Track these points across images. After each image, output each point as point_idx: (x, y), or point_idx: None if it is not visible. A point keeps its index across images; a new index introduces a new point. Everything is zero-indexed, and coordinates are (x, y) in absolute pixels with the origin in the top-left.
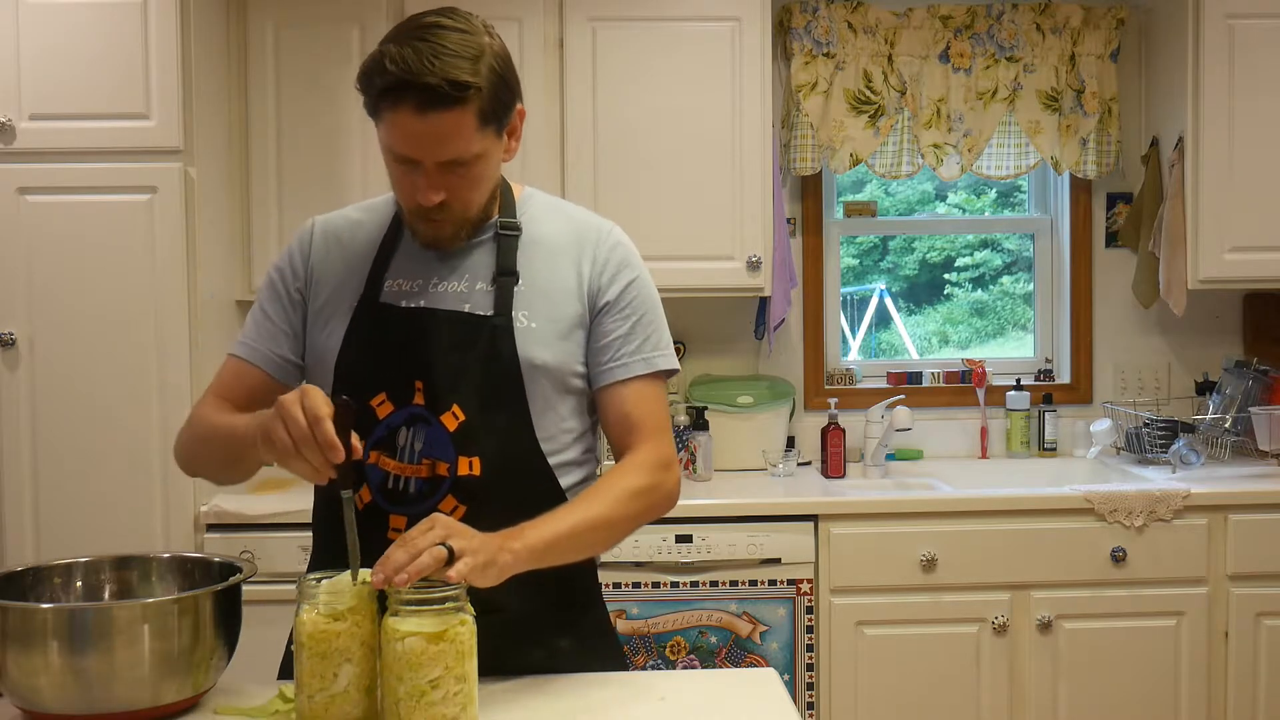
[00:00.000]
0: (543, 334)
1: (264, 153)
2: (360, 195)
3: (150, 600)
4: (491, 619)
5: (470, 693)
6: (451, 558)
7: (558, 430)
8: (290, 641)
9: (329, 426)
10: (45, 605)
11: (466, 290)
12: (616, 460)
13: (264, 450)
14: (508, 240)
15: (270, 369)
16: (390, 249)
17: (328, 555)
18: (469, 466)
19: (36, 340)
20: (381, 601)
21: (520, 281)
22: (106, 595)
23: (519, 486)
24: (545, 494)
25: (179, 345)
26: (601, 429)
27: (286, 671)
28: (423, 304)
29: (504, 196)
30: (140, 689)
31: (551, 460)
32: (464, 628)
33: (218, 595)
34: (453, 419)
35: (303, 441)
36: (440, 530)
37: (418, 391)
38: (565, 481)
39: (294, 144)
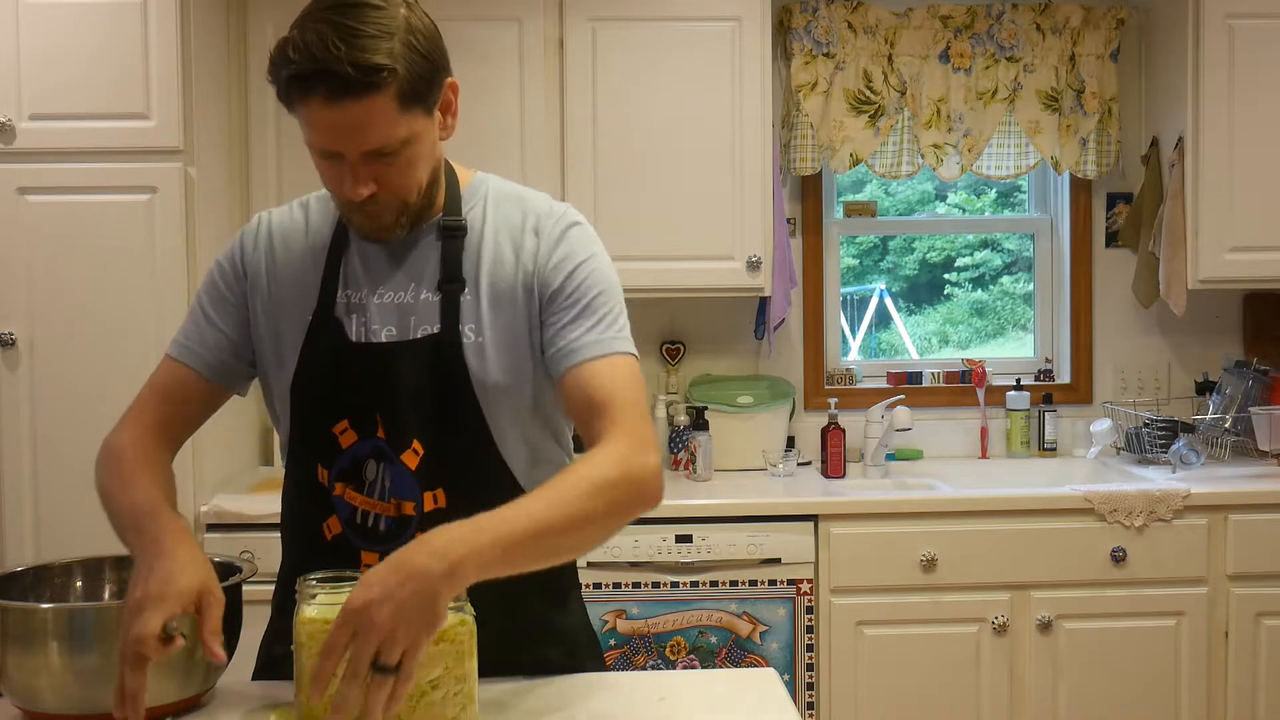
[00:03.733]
0: (494, 348)
1: (264, 153)
2: None
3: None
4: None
5: (470, 692)
6: (398, 666)
7: (524, 442)
8: (264, 642)
9: (136, 679)
10: (45, 605)
11: (412, 300)
12: (586, 449)
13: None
14: (451, 242)
15: (208, 373)
16: (340, 251)
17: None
18: (434, 500)
19: (36, 340)
20: None
21: (466, 288)
22: (106, 595)
23: (488, 509)
24: None
25: None
26: (574, 425)
27: (261, 673)
28: (367, 321)
29: (449, 188)
30: None
31: (521, 478)
32: (464, 628)
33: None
34: (413, 456)
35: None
36: (364, 643)
37: (379, 425)
38: None
39: (294, 144)
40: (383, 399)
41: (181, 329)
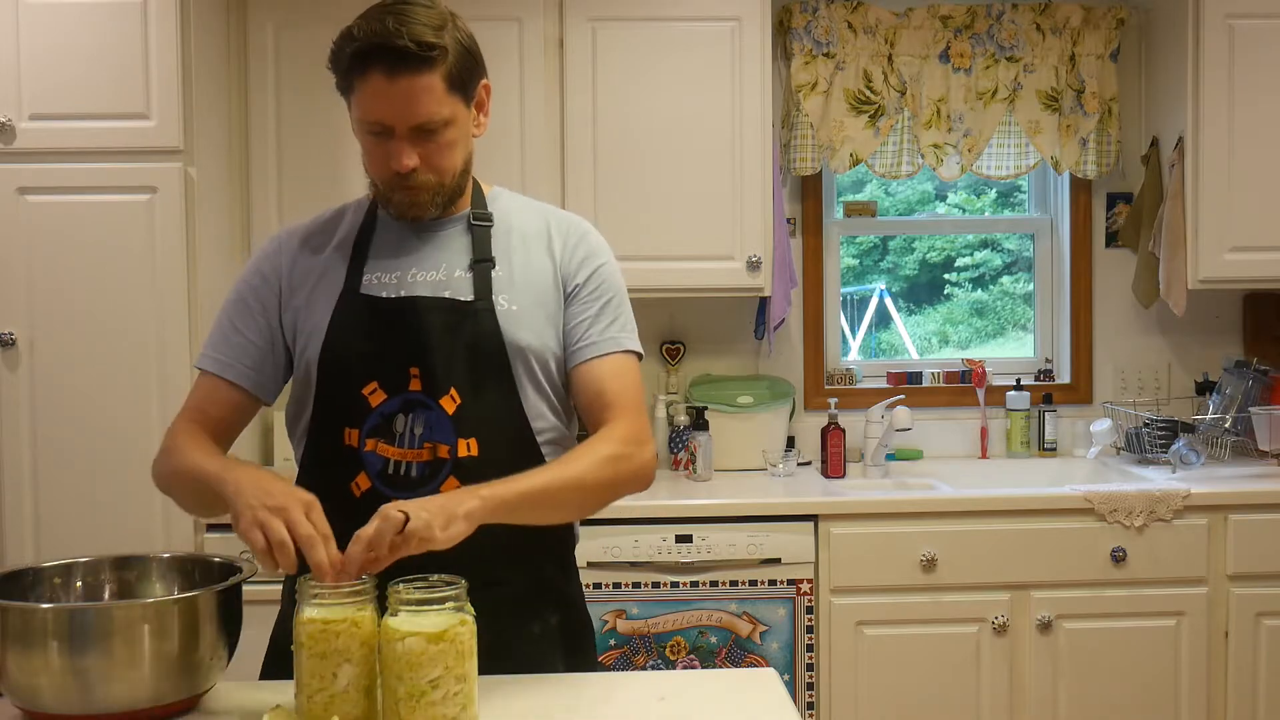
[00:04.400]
0: (524, 316)
1: (264, 153)
2: (360, 194)
3: (150, 600)
4: (493, 592)
5: (470, 692)
6: (407, 519)
7: (543, 410)
8: (272, 641)
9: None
10: (45, 605)
11: (445, 278)
12: (590, 434)
13: (237, 529)
14: (481, 229)
15: (246, 384)
16: (365, 242)
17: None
18: (467, 448)
19: (36, 340)
20: (382, 602)
21: (497, 266)
22: (106, 595)
23: (513, 466)
24: None
25: (179, 345)
26: (577, 410)
27: (268, 672)
28: (403, 294)
29: (475, 192)
30: (140, 689)
31: (539, 439)
32: (464, 628)
33: (218, 595)
34: (451, 402)
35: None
36: (388, 509)
37: (414, 378)
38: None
39: (294, 144)
40: (419, 350)
41: (209, 345)
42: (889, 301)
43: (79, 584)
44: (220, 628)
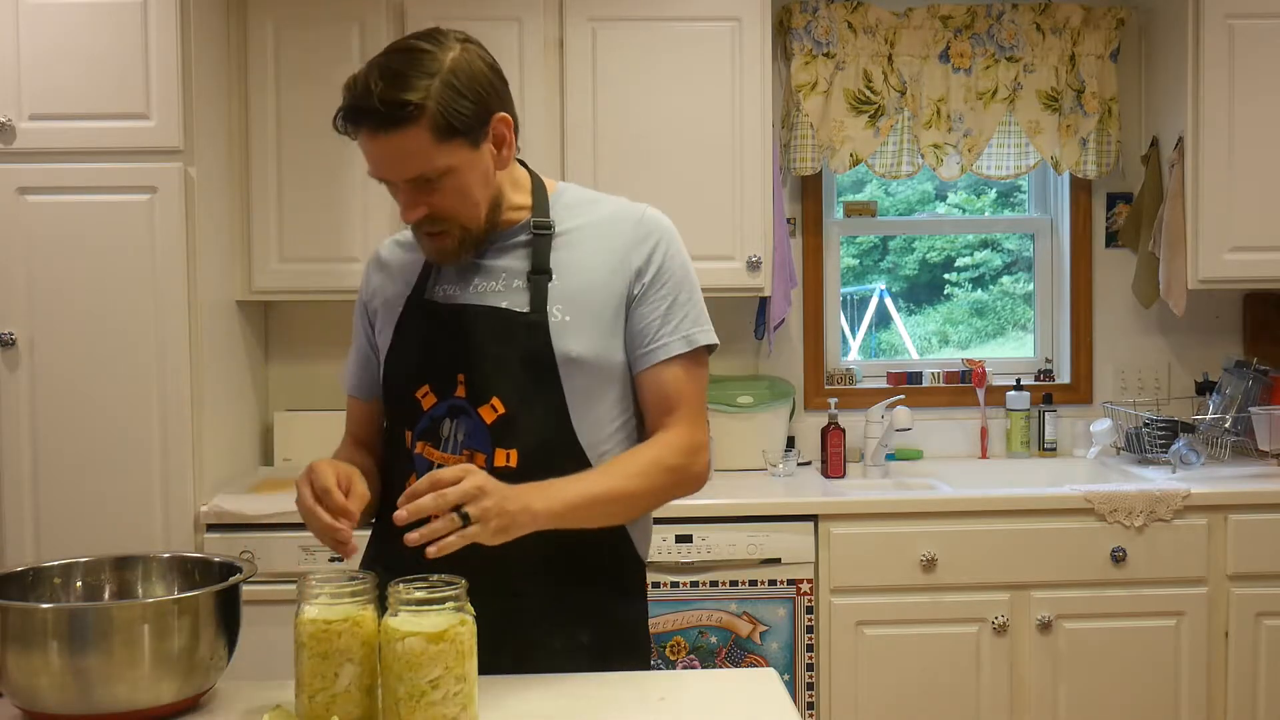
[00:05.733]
0: (578, 327)
1: (264, 153)
2: (360, 194)
3: (150, 600)
4: (510, 603)
5: (470, 692)
6: (466, 522)
7: (598, 422)
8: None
9: (337, 497)
10: (45, 605)
11: (504, 289)
12: (649, 435)
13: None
14: (541, 239)
15: (369, 395)
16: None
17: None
18: (505, 459)
19: (36, 340)
20: (382, 601)
21: (555, 277)
22: (106, 595)
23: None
24: None
25: (179, 345)
26: (642, 410)
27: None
28: (462, 302)
29: (537, 194)
30: (140, 689)
31: (591, 453)
32: (464, 628)
33: (218, 595)
34: (490, 411)
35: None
36: (470, 484)
37: (460, 384)
38: None
39: (294, 144)
40: (466, 356)
41: (347, 368)
42: (889, 301)
43: (79, 584)
44: (220, 628)
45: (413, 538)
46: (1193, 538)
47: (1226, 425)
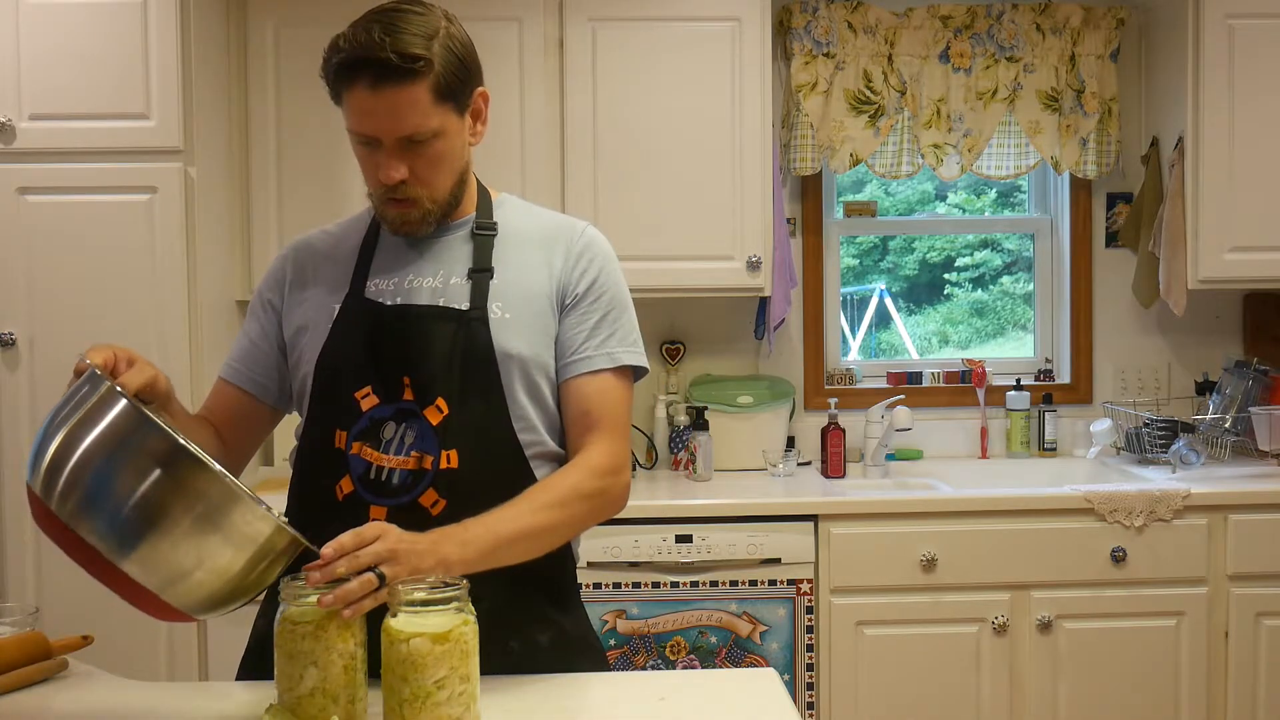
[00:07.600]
0: (517, 325)
1: (264, 153)
2: (360, 194)
3: (286, 523)
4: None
5: (473, 692)
6: (381, 583)
7: (533, 421)
8: (254, 631)
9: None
10: (182, 440)
11: (441, 285)
12: (569, 454)
13: None
14: (484, 239)
15: (251, 389)
16: (370, 251)
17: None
18: (447, 460)
19: (36, 340)
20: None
21: (495, 276)
22: None
23: (495, 478)
24: (521, 486)
25: (179, 345)
26: (562, 424)
27: (249, 663)
28: (399, 301)
29: (481, 199)
30: (201, 585)
31: (527, 451)
32: (467, 627)
33: (300, 550)
34: (436, 413)
35: None
36: (383, 548)
37: (406, 387)
38: (541, 473)
39: (294, 144)
40: (413, 360)
41: (230, 353)
42: (889, 301)
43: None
44: (259, 572)
45: (327, 600)
46: (1193, 538)
47: (1226, 425)
